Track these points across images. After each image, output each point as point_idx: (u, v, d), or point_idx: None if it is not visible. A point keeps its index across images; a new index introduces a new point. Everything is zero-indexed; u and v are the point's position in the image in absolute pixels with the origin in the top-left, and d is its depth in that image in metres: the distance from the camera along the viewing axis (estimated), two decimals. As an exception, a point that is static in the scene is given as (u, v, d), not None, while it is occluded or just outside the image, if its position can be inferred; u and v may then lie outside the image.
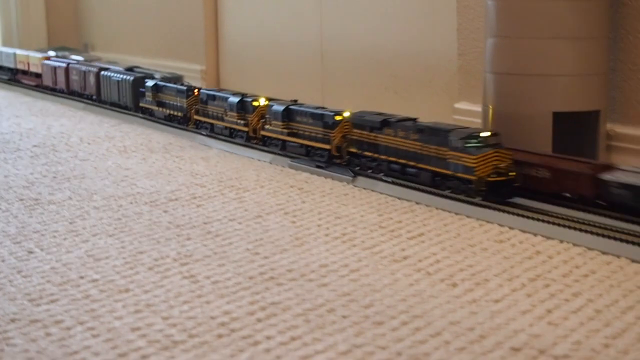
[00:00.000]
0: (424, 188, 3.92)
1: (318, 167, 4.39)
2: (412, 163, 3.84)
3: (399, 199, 3.86)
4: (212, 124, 5.06)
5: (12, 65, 6.68)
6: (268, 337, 2.26)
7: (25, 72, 6.37)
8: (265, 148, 5.02)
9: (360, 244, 3.14)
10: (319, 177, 4.32)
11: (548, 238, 3.17)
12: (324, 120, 4.29)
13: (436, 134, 3.74)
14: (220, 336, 2.29)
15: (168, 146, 5.27)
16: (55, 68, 5.72)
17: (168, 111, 4.91)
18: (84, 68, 5.40)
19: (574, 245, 3.09)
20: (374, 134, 4.03)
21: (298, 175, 4.36)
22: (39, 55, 6.10)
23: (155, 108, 5.04)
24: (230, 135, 4.88)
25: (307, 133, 4.44)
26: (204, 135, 5.16)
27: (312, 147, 4.42)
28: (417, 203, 3.79)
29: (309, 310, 2.47)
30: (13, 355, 2.19)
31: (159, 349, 2.21)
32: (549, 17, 3.95)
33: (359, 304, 2.52)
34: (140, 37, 8.39)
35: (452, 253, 3.04)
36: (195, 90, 4.98)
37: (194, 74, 7.21)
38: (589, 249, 3.01)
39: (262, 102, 4.75)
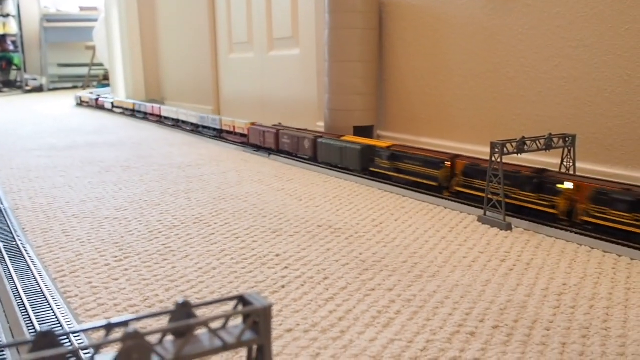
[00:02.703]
0: (300, 159, 3.65)
1: (254, 151, 4.13)
2: None
3: (286, 164, 3.74)
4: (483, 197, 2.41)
5: (217, 127, 4.79)
6: (215, 223, 2.32)
7: (229, 132, 4.60)
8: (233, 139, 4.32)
9: (267, 184, 3.12)
10: (253, 155, 4.11)
11: (354, 183, 3.18)
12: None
13: None
14: (195, 223, 2.34)
15: (188, 142, 4.86)
16: (264, 132, 4.08)
17: (412, 178, 2.83)
18: (294, 133, 3.76)
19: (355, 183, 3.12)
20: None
21: (245, 154, 4.18)
22: (244, 121, 4.36)
23: (392, 174, 2.94)
24: (520, 211, 2.31)
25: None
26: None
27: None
28: (292, 165, 3.67)
29: (236, 211, 2.51)
30: (103, 233, 2.22)
31: (168, 228, 2.26)
32: (353, 82, 3.81)
33: (258, 208, 2.57)
34: (183, 91, 7.46)
35: (304, 186, 3.05)
36: (447, 163, 2.65)
37: (208, 111, 6.38)
38: (369, 187, 3.05)
39: (568, 185, 2.17)
